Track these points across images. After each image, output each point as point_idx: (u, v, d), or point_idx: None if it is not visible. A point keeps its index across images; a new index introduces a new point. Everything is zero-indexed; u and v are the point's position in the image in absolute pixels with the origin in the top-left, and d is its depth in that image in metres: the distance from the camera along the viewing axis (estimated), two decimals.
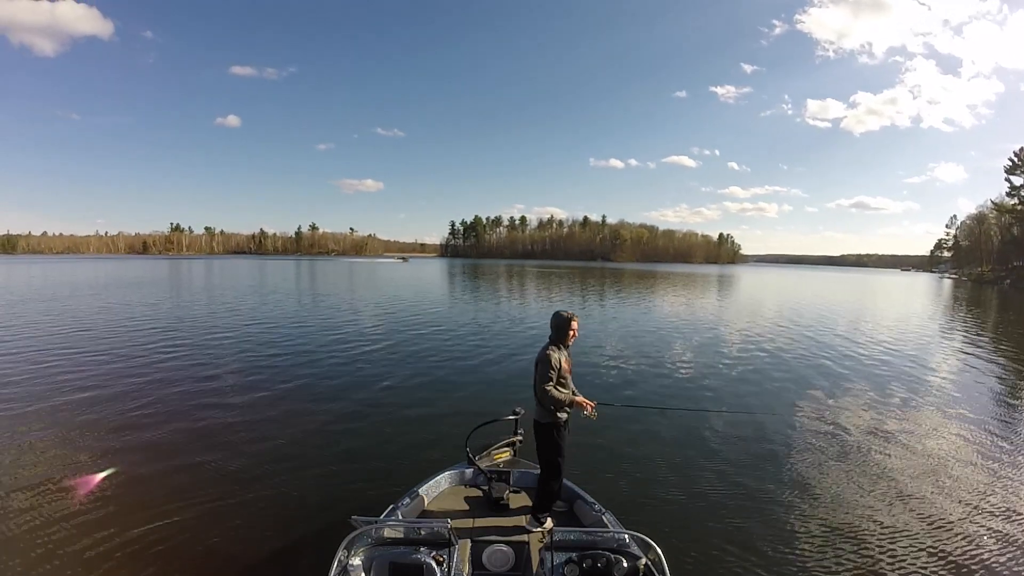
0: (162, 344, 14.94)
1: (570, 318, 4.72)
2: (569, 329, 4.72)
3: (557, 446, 4.61)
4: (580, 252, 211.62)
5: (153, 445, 7.45)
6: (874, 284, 71.53)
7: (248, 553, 4.85)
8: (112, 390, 10.07)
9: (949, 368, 14.38)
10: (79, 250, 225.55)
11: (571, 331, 4.73)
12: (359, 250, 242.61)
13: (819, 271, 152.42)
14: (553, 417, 4.60)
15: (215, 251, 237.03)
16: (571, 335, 4.75)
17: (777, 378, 12.45)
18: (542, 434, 4.67)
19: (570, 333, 4.73)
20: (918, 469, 7.11)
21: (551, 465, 4.63)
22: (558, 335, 4.72)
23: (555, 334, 4.73)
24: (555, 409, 4.58)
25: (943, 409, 10.09)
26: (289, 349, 14.72)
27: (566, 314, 4.75)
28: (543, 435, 4.67)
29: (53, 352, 13.53)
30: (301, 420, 8.62)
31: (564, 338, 4.72)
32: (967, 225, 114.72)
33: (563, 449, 4.65)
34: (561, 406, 4.58)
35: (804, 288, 57.36)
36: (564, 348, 4.75)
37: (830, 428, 8.78)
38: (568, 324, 4.71)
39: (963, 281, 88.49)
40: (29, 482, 6.12)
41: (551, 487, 4.60)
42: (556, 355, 4.61)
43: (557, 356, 4.62)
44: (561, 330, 4.71)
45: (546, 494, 4.58)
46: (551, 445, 4.62)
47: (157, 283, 40.99)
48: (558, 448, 4.61)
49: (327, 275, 63.54)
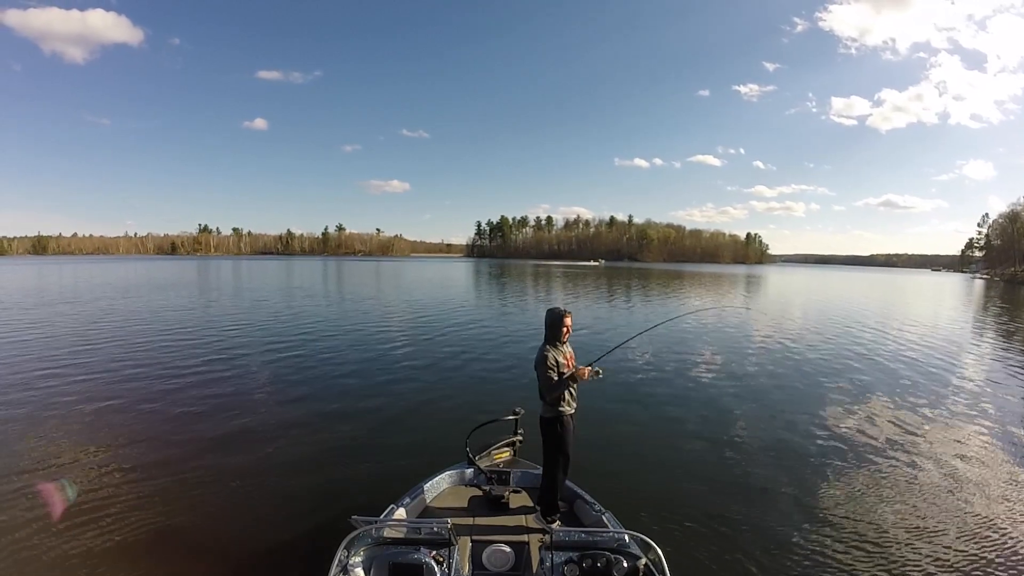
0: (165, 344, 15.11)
1: (563, 314, 4.69)
2: (562, 326, 4.69)
3: (560, 440, 4.62)
4: (607, 252, 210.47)
5: (151, 443, 7.51)
6: (903, 285, 69.68)
7: (248, 552, 4.88)
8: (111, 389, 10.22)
9: (980, 373, 13.83)
10: (108, 251, 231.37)
11: (564, 328, 4.70)
12: (386, 251, 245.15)
13: (847, 271, 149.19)
14: (555, 411, 4.60)
15: (242, 251, 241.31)
16: (565, 332, 4.71)
17: (795, 380, 12.18)
18: (545, 429, 4.69)
19: (563, 330, 4.70)
20: (938, 479, 6.83)
21: (553, 460, 4.63)
22: (552, 332, 4.71)
23: (548, 332, 4.73)
24: (562, 401, 4.59)
25: (970, 416, 9.62)
26: (289, 349, 14.77)
27: (558, 310, 4.73)
28: (546, 430, 4.69)
29: (58, 351, 13.85)
30: (301, 420, 8.66)
31: (558, 335, 4.69)
32: (999, 224, 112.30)
33: (566, 444, 4.64)
34: (563, 389, 4.56)
35: (830, 288, 56.28)
36: (561, 345, 4.72)
37: (845, 431, 8.57)
38: (561, 321, 4.68)
39: (995, 281, 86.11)
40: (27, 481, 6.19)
41: (554, 484, 4.60)
42: (552, 353, 4.62)
43: (553, 354, 4.62)
44: (555, 327, 4.69)
45: (551, 492, 4.59)
46: (553, 439, 4.63)
47: (187, 285, 41.48)
48: (561, 442, 4.62)
49: (382, 275, 64.07)
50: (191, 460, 6.93)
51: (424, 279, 55.36)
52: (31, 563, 4.63)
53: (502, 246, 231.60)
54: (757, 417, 9.24)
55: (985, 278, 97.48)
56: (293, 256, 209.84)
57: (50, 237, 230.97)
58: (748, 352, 15.46)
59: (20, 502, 5.69)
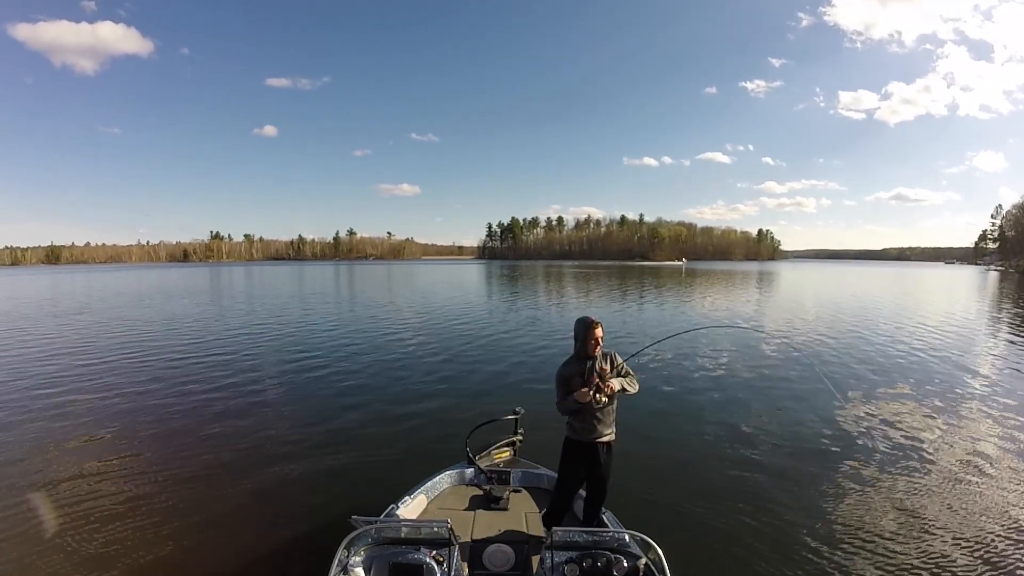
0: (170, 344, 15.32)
1: (590, 324, 4.20)
2: (590, 338, 4.19)
3: (561, 460, 4.42)
4: (618, 251, 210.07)
5: (151, 442, 7.61)
6: (917, 278, 69.02)
7: (248, 552, 4.90)
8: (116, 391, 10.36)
9: (997, 368, 13.54)
10: (121, 259, 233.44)
11: (592, 339, 4.19)
12: (397, 254, 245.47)
13: (860, 266, 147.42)
14: (567, 431, 4.35)
15: (254, 257, 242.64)
16: (592, 344, 4.20)
17: (802, 380, 11.96)
18: None
19: (591, 342, 4.19)
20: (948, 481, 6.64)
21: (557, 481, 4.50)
22: (579, 344, 4.27)
23: (577, 343, 4.29)
24: (569, 422, 4.32)
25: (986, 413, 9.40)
26: (290, 350, 14.85)
27: (586, 320, 4.24)
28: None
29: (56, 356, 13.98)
30: (302, 419, 8.72)
31: (585, 347, 4.22)
32: (1013, 215, 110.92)
33: (561, 467, 4.42)
34: (571, 408, 4.23)
35: (843, 283, 55.68)
36: (588, 359, 4.24)
37: (852, 430, 8.43)
38: (588, 332, 4.20)
39: (1010, 273, 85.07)
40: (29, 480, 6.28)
41: (556, 502, 4.43)
42: (568, 369, 4.28)
43: (570, 370, 4.27)
44: (580, 339, 4.24)
45: (553, 506, 4.44)
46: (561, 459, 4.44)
47: (201, 292, 41.87)
48: (561, 463, 4.43)
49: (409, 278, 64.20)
50: (191, 460, 7.01)
51: (434, 282, 55.43)
52: (31, 563, 4.66)
53: (513, 247, 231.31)
54: (760, 417, 9.14)
55: (1000, 270, 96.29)
56: (304, 261, 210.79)
57: (63, 247, 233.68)
58: (753, 352, 15.29)
59: (20, 503, 5.75)
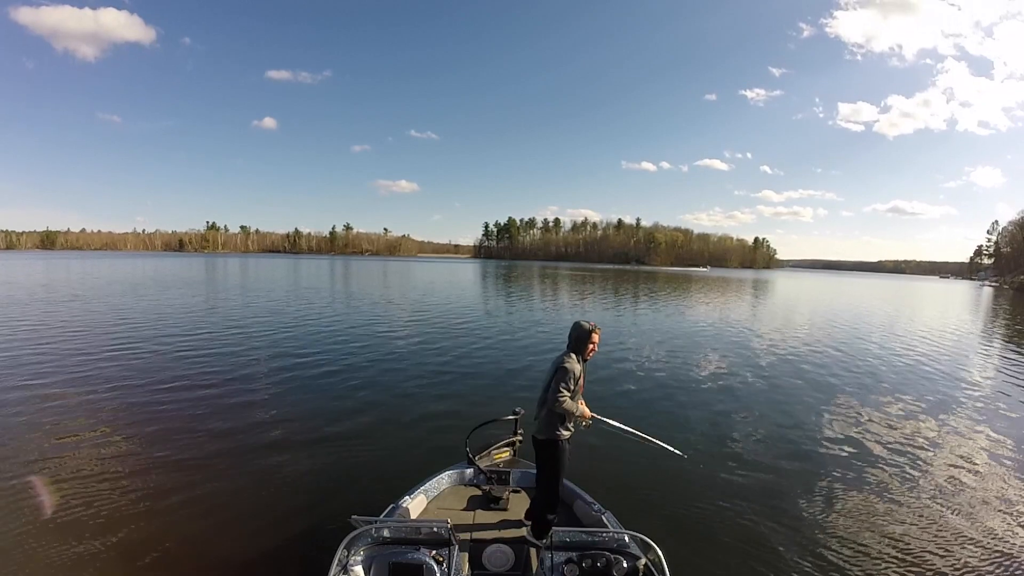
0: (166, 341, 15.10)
1: (592, 330, 4.37)
2: (590, 342, 4.37)
3: (555, 465, 4.37)
4: (614, 255, 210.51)
5: (151, 441, 7.47)
6: (912, 292, 69.40)
7: (248, 552, 4.86)
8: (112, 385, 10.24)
9: (991, 383, 13.62)
10: (116, 247, 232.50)
11: (591, 344, 4.39)
12: (392, 250, 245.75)
13: (855, 277, 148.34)
14: (553, 433, 4.34)
15: (249, 249, 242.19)
16: (590, 349, 4.40)
17: (803, 387, 12.01)
18: (541, 453, 4.44)
19: (590, 347, 4.39)
20: (944, 485, 6.79)
21: (546, 487, 4.42)
22: (577, 347, 4.38)
23: (574, 345, 4.39)
24: (562, 422, 4.32)
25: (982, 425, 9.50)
26: (289, 347, 14.75)
27: (588, 325, 4.39)
28: (542, 454, 4.43)
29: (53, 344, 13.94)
30: (302, 419, 8.63)
31: (583, 351, 4.38)
32: (1009, 231, 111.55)
33: (560, 471, 4.40)
34: (571, 417, 4.33)
35: (838, 295, 55.88)
36: (582, 361, 4.40)
37: (853, 437, 8.49)
38: (589, 337, 4.36)
39: (1004, 289, 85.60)
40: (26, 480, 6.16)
41: (546, 510, 4.35)
42: (576, 366, 4.31)
43: (578, 367, 4.32)
44: (581, 342, 4.37)
45: (542, 516, 4.34)
46: (550, 464, 4.40)
47: (193, 283, 41.66)
48: (556, 468, 4.37)
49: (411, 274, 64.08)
50: (191, 459, 6.93)
51: (431, 280, 55.25)
52: (31, 564, 4.62)
53: (509, 247, 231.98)
54: (760, 420, 9.20)
55: (994, 286, 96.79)
56: (300, 255, 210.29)
57: (58, 232, 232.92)
58: (755, 358, 15.35)
59: (18, 502, 5.66)
